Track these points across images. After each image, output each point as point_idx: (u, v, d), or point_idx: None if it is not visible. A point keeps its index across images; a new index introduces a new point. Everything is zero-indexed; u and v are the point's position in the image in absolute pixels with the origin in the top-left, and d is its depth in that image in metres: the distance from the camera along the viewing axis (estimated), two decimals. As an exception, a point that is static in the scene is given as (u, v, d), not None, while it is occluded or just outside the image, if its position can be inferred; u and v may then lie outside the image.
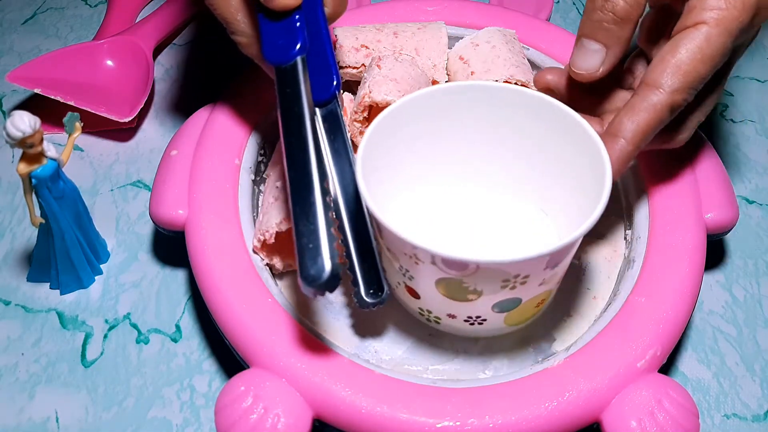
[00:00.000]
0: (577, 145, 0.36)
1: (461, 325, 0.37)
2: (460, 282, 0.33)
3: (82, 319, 0.42)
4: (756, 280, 0.45)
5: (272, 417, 0.32)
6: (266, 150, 0.46)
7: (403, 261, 0.34)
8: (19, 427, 0.38)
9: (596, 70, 0.37)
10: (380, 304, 0.34)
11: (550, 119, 0.37)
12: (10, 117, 0.34)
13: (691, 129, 0.38)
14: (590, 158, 0.35)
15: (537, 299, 0.36)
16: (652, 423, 0.32)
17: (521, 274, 0.32)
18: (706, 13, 0.34)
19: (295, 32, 0.35)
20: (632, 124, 0.34)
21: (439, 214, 0.42)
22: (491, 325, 0.37)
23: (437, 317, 0.37)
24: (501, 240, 0.41)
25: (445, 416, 0.32)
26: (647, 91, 0.34)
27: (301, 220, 0.31)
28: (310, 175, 0.32)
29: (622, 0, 0.35)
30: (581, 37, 0.37)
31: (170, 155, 0.43)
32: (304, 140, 0.33)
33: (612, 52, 0.36)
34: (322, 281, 0.29)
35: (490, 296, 0.34)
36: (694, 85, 0.34)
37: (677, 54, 0.34)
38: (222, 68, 0.57)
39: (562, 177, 0.38)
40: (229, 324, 0.36)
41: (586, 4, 0.36)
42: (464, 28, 0.51)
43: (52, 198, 0.38)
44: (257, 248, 0.39)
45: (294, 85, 0.35)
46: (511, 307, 0.35)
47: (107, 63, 0.54)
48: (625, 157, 0.35)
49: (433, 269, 0.33)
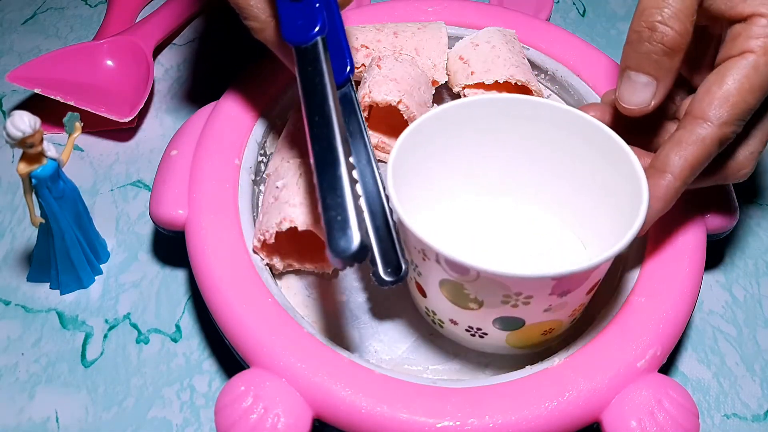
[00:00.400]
0: (616, 171, 0.35)
1: (462, 334, 0.37)
2: (461, 287, 0.33)
3: (82, 319, 0.42)
4: (756, 280, 0.45)
5: (272, 417, 0.32)
6: (266, 150, 0.46)
7: (414, 256, 0.34)
8: (19, 427, 0.38)
9: (647, 104, 0.35)
10: (399, 281, 0.34)
11: (586, 136, 0.36)
12: (10, 117, 0.34)
13: (752, 161, 0.36)
14: (630, 186, 0.34)
15: (543, 326, 0.35)
16: (652, 423, 0.32)
17: (523, 292, 0.32)
18: (752, 42, 0.33)
19: (314, 13, 0.36)
20: (680, 159, 0.33)
21: (467, 226, 0.41)
22: (492, 341, 0.37)
23: (441, 320, 0.37)
24: (523, 256, 0.40)
25: (445, 416, 0.32)
26: (694, 124, 0.33)
27: (328, 193, 0.31)
28: (336, 149, 0.32)
29: (671, 30, 0.33)
30: (627, 69, 0.35)
31: (170, 155, 0.43)
32: (328, 116, 0.33)
33: (663, 85, 0.34)
34: (351, 252, 0.29)
35: (490, 309, 0.34)
36: (743, 117, 0.33)
37: (724, 85, 0.33)
38: (222, 68, 0.57)
39: (599, 203, 0.38)
40: (229, 324, 0.36)
41: (630, 34, 0.34)
42: (464, 28, 0.51)
43: (52, 198, 0.38)
44: (257, 248, 0.39)
45: (316, 64, 0.35)
46: (513, 327, 0.35)
47: (107, 63, 0.54)
48: (672, 194, 0.34)
49: (438, 269, 0.33)
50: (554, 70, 0.49)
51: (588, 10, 0.63)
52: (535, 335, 0.36)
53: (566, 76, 0.49)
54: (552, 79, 0.50)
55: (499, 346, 0.37)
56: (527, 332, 0.35)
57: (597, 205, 0.38)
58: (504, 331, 0.35)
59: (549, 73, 0.50)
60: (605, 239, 0.36)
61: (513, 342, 0.36)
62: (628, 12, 0.63)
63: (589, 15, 0.62)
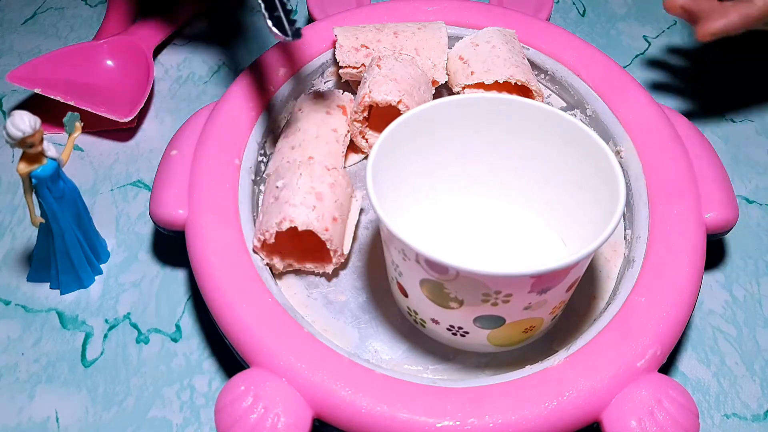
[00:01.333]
0: (594, 168, 0.35)
1: (444, 333, 0.37)
2: (441, 286, 0.33)
3: (82, 319, 0.42)
4: (756, 280, 0.45)
5: (272, 417, 0.32)
6: (266, 150, 0.46)
7: (395, 256, 0.34)
8: (19, 427, 0.38)
9: None
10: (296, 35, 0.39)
11: (564, 135, 0.37)
12: (10, 117, 0.34)
13: None
14: (608, 183, 0.35)
15: (524, 324, 0.36)
16: (652, 423, 0.32)
17: (502, 291, 0.32)
18: None
19: None
20: None
21: (448, 225, 0.42)
22: (474, 340, 0.37)
23: (423, 320, 0.37)
24: (503, 254, 0.41)
25: (445, 416, 0.32)
26: None
27: None
28: None
29: None
30: None
31: (170, 155, 0.43)
32: None
33: None
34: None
35: (471, 308, 0.34)
36: None
37: None
38: (222, 68, 0.57)
39: (577, 200, 0.38)
40: (229, 324, 0.36)
41: None
42: (464, 28, 0.51)
43: (52, 198, 0.38)
44: (257, 248, 0.39)
45: None
46: (494, 326, 0.35)
47: (107, 63, 0.54)
48: (751, 20, 0.42)
49: (417, 268, 0.33)
50: (554, 70, 0.49)
51: (588, 10, 0.63)
52: (516, 333, 0.36)
53: (566, 76, 0.49)
54: (552, 79, 0.50)
55: (480, 344, 0.37)
56: (508, 330, 0.36)
57: (576, 202, 0.38)
58: (485, 330, 0.36)
59: (549, 73, 0.50)
60: (584, 236, 0.37)
61: (494, 340, 0.37)
62: (628, 12, 0.63)
63: (589, 15, 0.62)
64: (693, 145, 0.44)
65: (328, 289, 0.41)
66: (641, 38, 0.60)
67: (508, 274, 0.31)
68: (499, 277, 0.31)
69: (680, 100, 0.55)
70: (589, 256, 0.32)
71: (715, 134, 0.53)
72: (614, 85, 0.47)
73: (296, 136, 0.44)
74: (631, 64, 0.58)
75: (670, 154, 0.42)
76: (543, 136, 0.38)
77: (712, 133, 0.53)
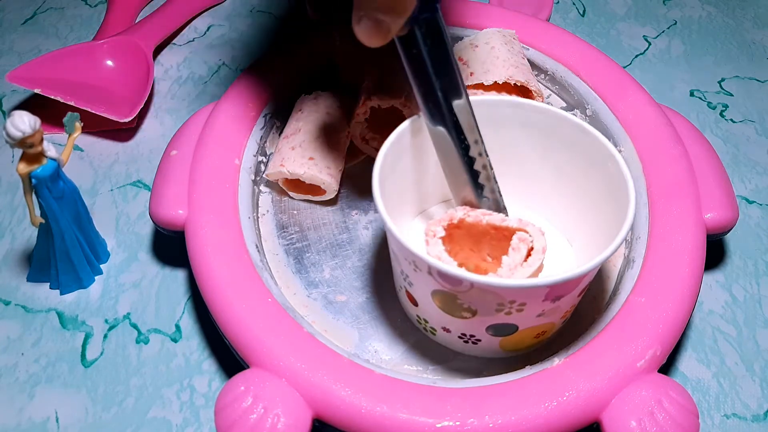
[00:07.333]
0: (602, 169, 0.35)
1: (455, 341, 0.37)
2: (454, 297, 0.33)
3: (82, 319, 0.42)
4: (756, 280, 0.45)
5: (272, 417, 0.32)
6: (266, 150, 0.46)
7: (405, 266, 0.34)
8: (19, 427, 0.38)
9: None
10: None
11: (575, 140, 0.36)
12: (10, 117, 0.34)
13: None
14: (616, 184, 0.34)
15: (536, 330, 0.35)
16: (652, 423, 0.32)
17: (517, 300, 0.32)
18: None
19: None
20: None
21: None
22: (486, 347, 0.37)
23: (433, 328, 0.37)
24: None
25: (445, 416, 0.32)
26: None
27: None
28: None
29: None
30: None
31: (170, 155, 0.43)
32: None
33: None
34: None
35: (484, 317, 0.34)
36: None
37: None
38: (222, 68, 0.57)
39: (584, 201, 0.38)
40: (229, 324, 0.36)
41: None
42: (464, 28, 0.51)
43: (52, 198, 0.38)
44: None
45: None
46: (507, 333, 0.35)
47: (107, 63, 0.54)
48: None
49: (429, 279, 0.33)
50: (554, 70, 0.49)
51: (588, 10, 0.63)
52: (528, 339, 0.36)
53: (566, 76, 0.49)
54: (552, 79, 0.50)
55: (492, 350, 0.37)
56: (520, 336, 0.35)
57: (582, 202, 0.38)
58: (497, 337, 0.35)
59: (549, 73, 0.50)
60: (591, 236, 0.37)
61: (506, 346, 0.36)
62: (628, 12, 0.63)
63: (589, 15, 0.63)
64: (693, 145, 0.44)
65: (328, 289, 0.41)
66: (641, 38, 0.60)
67: (523, 285, 0.31)
68: (515, 289, 0.31)
69: (680, 100, 0.55)
70: (603, 262, 0.32)
71: (715, 134, 0.53)
72: (614, 85, 0.47)
73: (296, 137, 0.44)
74: (631, 64, 0.58)
75: (670, 154, 0.42)
76: (549, 136, 0.38)
77: (712, 133, 0.53)
